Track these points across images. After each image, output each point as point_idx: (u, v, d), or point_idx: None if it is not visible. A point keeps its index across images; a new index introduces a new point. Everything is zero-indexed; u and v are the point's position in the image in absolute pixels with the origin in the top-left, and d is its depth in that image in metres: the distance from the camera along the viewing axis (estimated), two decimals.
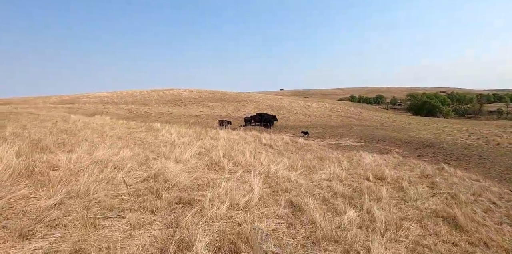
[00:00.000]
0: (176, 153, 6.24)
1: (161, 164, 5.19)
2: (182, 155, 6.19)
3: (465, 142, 18.83)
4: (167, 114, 37.32)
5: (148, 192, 3.69)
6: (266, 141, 12.20)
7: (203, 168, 5.51)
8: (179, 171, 4.98)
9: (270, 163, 6.78)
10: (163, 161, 5.62)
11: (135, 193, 3.64)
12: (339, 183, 5.94)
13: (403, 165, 10.09)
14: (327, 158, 9.69)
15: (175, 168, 5.08)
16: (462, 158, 13.68)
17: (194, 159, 6.15)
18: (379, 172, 7.67)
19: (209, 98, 53.32)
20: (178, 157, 6.01)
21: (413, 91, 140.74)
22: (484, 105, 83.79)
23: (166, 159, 5.93)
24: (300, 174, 6.16)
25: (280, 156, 9.35)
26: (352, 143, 16.99)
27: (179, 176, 4.55)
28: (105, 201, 3.23)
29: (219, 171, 5.41)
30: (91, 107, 47.75)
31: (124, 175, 4.12)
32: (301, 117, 35.03)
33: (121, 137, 8.54)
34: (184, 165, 5.56)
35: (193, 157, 6.41)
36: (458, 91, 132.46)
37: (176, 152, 6.49)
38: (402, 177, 7.77)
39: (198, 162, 5.95)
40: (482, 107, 79.30)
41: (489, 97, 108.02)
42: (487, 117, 71.83)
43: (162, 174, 4.43)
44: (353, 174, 7.24)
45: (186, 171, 5.07)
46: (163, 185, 3.98)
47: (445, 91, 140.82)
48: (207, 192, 3.92)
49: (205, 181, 4.56)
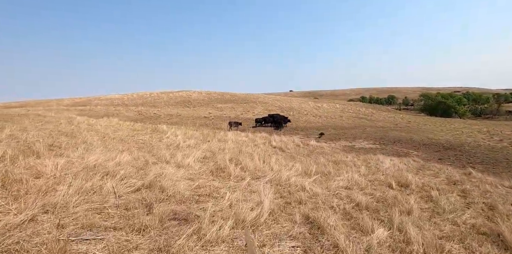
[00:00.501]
0: (178, 157, 5.73)
1: (160, 170, 4.67)
2: (185, 159, 5.67)
3: (488, 144, 17.64)
4: (176, 116, 37.17)
5: (140, 205, 3.15)
6: (276, 143, 11.58)
7: (206, 174, 4.96)
8: (180, 177, 4.44)
9: (281, 168, 6.17)
10: (163, 166, 5.10)
11: (124, 206, 3.11)
12: (360, 191, 5.27)
13: (425, 169, 9.28)
14: (342, 162, 8.99)
15: (175, 174, 4.55)
16: (487, 161, 12.66)
17: (197, 164, 5.61)
18: (401, 178, 6.94)
19: (218, 100, 53.09)
20: (180, 161, 5.49)
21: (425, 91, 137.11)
22: (502, 105, 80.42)
23: (167, 164, 5.42)
24: (315, 181, 5.52)
25: (291, 160, 8.73)
26: (367, 145, 16.14)
27: (178, 184, 4.01)
28: (86, 216, 2.71)
29: (224, 178, 4.84)
30: (102, 110, 48.24)
31: (115, 183, 3.60)
32: (311, 118, 34.19)
33: (123, 139, 8.12)
34: (186, 170, 5.03)
35: (197, 162, 5.87)
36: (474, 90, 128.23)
37: (178, 155, 5.98)
38: (428, 183, 7.02)
39: (202, 167, 5.41)
40: (500, 107, 76.17)
41: (507, 97, 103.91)
42: (506, 117, 68.90)
43: (159, 182, 3.90)
44: (373, 181, 6.54)
45: (187, 178, 4.53)
46: (158, 196, 3.44)
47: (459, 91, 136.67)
48: (208, 204, 3.36)
49: (207, 190, 4.00)
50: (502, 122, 46.25)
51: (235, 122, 23.99)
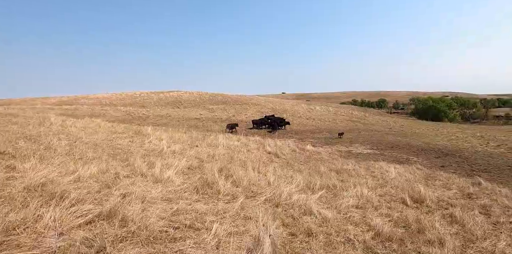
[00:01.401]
0: (157, 168, 4.75)
1: (130, 188, 3.71)
2: (165, 171, 4.70)
3: (486, 150, 17.25)
4: (165, 117, 35.89)
5: (85, 250, 2.19)
6: (271, 149, 10.69)
7: (190, 192, 4.01)
8: (155, 198, 3.49)
9: (279, 181, 5.28)
10: (136, 182, 4.13)
11: (62, 251, 2.14)
12: (374, 211, 4.42)
13: (433, 179, 8.56)
14: (345, 171, 8.17)
15: (149, 193, 3.59)
16: (490, 169, 12.11)
17: (180, 177, 4.65)
18: (413, 192, 6.15)
19: (209, 100, 51.94)
20: (159, 174, 4.52)
21: (415, 95, 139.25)
22: (490, 110, 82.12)
23: (142, 177, 4.45)
24: (321, 199, 4.65)
25: (288, 168, 7.85)
26: (364, 150, 15.44)
27: (150, 209, 3.06)
28: None
29: (212, 197, 3.91)
30: (88, 109, 46.36)
31: (60, 213, 2.63)
32: (305, 121, 33.50)
33: (97, 144, 7.07)
34: (165, 187, 4.07)
35: (180, 174, 4.91)
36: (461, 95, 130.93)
37: (158, 166, 5.00)
38: (442, 198, 6.25)
39: (185, 182, 4.45)
40: (488, 112, 77.69)
41: (494, 102, 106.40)
42: (494, 122, 70.09)
43: (124, 208, 2.94)
44: (384, 195, 5.72)
45: (165, 199, 3.58)
46: (117, 232, 2.48)
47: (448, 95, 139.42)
48: (187, 242, 2.43)
49: (188, 217, 3.06)
50: (492, 127, 46.77)
51: (232, 125, 23.22)
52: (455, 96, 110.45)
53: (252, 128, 25.68)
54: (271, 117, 26.48)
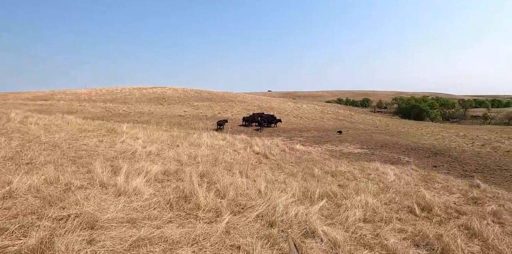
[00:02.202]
0: (122, 176, 3.83)
1: (79, 206, 2.80)
2: (132, 179, 3.80)
3: (473, 149, 17.28)
4: (147, 113, 34.33)
5: None
6: (259, 149, 9.90)
7: (161, 209, 3.14)
8: (110, 220, 2.60)
9: (272, 189, 4.50)
10: (92, 195, 3.22)
11: None
12: (385, 226, 3.73)
13: (431, 181, 8.08)
14: (340, 173, 7.51)
15: (103, 214, 2.70)
16: (482, 169, 11.92)
17: (150, 187, 3.76)
18: (418, 198, 5.56)
19: (194, 97, 50.44)
20: (123, 183, 3.61)
21: (397, 95, 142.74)
22: (468, 110, 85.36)
23: (102, 189, 3.53)
24: (322, 211, 3.91)
25: (279, 171, 7.09)
26: (355, 149, 14.98)
27: (98, 241, 2.18)
28: None
29: (189, 215, 3.06)
30: (65, 105, 43.76)
31: None
32: (292, 119, 32.95)
33: (57, 145, 6.01)
34: (128, 201, 3.18)
35: (151, 182, 4.02)
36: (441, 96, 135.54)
37: (124, 172, 4.09)
38: (449, 204, 5.71)
39: (156, 194, 3.58)
40: (467, 112, 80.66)
41: (471, 103, 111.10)
42: (472, 121, 72.84)
43: (60, 242, 2.05)
44: (390, 203, 5.08)
45: (125, 220, 2.70)
46: None
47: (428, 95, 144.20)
48: None
49: (153, 251, 2.21)
50: (471, 126, 48.27)
51: (222, 121, 22.65)
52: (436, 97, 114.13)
53: (242, 125, 25.16)
54: (262, 115, 25.85)
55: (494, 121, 68.62)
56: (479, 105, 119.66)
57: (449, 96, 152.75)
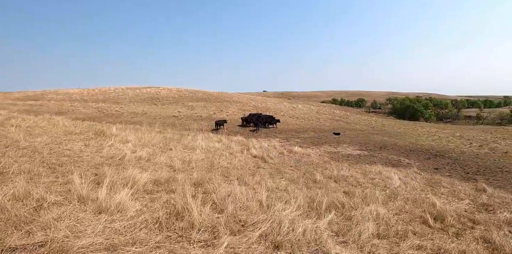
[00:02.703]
0: (104, 189, 3.36)
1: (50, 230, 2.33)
2: (116, 192, 3.33)
3: (472, 150, 17.12)
4: (141, 114, 33.61)
5: None
6: (256, 152, 9.47)
7: (148, 230, 2.68)
8: (85, 247, 2.15)
9: (273, 199, 4.08)
10: (67, 213, 2.74)
11: None
12: (401, 242, 3.34)
13: (436, 185, 7.75)
14: (343, 178, 7.13)
15: (77, 240, 2.24)
16: (483, 171, 11.69)
17: (137, 202, 3.30)
18: (428, 206, 5.20)
19: (189, 97, 49.75)
20: (105, 197, 3.14)
21: (391, 95, 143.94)
22: (461, 110, 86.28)
23: (79, 204, 3.06)
24: (331, 225, 3.50)
25: (279, 176, 6.66)
26: (354, 151, 14.66)
27: None
28: None
29: (181, 238, 2.61)
30: (56, 105, 42.72)
31: None
32: (288, 119, 32.58)
33: (37, 151, 5.49)
34: (110, 221, 2.72)
35: (139, 195, 3.56)
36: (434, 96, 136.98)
37: (108, 182, 3.62)
38: (460, 212, 5.36)
39: (144, 210, 3.12)
40: (460, 112, 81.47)
41: (464, 103, 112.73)
42: (465, 122, 73.63)
43: None
44: (400, 213, 4.70)
45: (104, 247, 2.24)
46: None
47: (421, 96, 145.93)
48: None
49: None
50: (465, 126, 48.59)
51: (220, 121, 22.41)
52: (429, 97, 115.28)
53: (241, 125, 24.93)
54: (261, 115, 25.61)
55: (487, 122, 69.47)
56: (471, 106, 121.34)
57: (442, 96, 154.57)
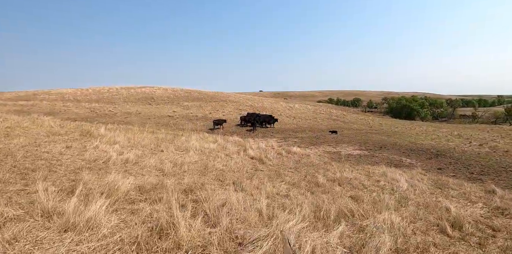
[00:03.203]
0: (75, 199, 2.84)
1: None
2: (90, 203, 2.81)
3: (472, 150, 16.84)
4: (135, 114, 32.91)
5: None
6: (254, 153, 8.97)
7: (122, 253, 2.18)
8: None
9: (275, 207, 3.59)
10: (24, 232, 2.22)
11: None
12: None
13: (444, 187, 7.33)
14: (346, 181, 6.67)
15: None
16: (487, 171, 11.35)
17: (114, 216, 2.78)
18: (443, 212, 4.77)
19: (184, 97, 49.06)
20: (73, 211, 2.62)
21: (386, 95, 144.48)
22: (456, 109, 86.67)
23: (43, 219, 2.54)
24: (342, 239, 3.03)
25: (279, 180, 6.17)
26: (354, 151, 14.25)
27: None
28: None
29: None
30: (48, 105, 41.73)
31: None
32: (285, 119, 32.14)
33: (12, 154, 4.93)
34: (77, 241, 2.20)
35: (116, 207, 3.04)
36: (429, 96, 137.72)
37: (80, 191, 3.09)
38: (476, 217, 4.93)
39: (121, 227, 2.60)
40: (455, 112, 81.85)
41: (458, 102, 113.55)
42: (460, 121, 73.94)
43: None
44: (415, 221, 4.24)
45: None
46: None
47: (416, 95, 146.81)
48: None
49: None
50: (461, 125, 48.63)
51: (220, 121, 22.16)
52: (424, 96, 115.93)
53: (239, 125, 24.70)
54: (259, 115, 25.32)
55: (481, 120, 69.80)
56: (466, 105, 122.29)
57: (437, 96, 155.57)
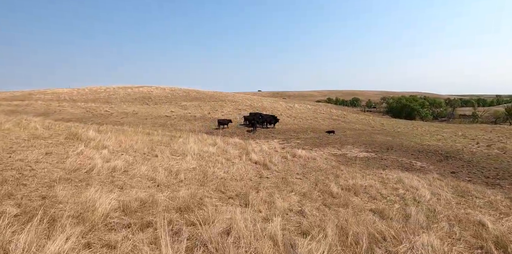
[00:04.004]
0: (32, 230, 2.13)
1: None
2: (51, 235, 2.11)
3: (482, 151, 16.22)
4: (131, 114, 32.12)
5: None
6: (257, 156, 8.27)
7: None
8: None
9: (291, 230, 2.91)
10: None
11: None
12: None
13: (467, 195, 6.67)
14: (362, 189, 5.99)
15: None
16: (502, 175, 10.71)
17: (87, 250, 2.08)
18: (480, 229, 4.10)
19: (182, 97, 48.27)
20: (26, 249, 1.92)
21: (385, 94, 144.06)
22: (456, 109, 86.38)
23: None
24: None
25: (288, 189, 5.46)
26: (360, 153, 13.59)
27: None
28: None
29: None
30: (43, 105, 40.85)
31: None
32: (286, 119, 31.44)
33: None
34: None
35: (88, 240, 2.34)
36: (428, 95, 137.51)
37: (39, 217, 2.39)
38: None
39: None
40: (455, 111, 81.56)
41: (458, 102, 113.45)
42: (460, 120, 73.60)
43: None
44: (455, 243, 3.57)
45: None
46: None
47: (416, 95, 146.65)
48: None
49: None
50: (464, 125, 48.13)
51: (225, 121, 21.75)
52: (423, 96, 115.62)
53: (243, 125, 24.32)
54: (262, 115, 24.80)
55: (481, 120, 69.46)
56: (465, 105, 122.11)
57: (435, 95, 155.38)
